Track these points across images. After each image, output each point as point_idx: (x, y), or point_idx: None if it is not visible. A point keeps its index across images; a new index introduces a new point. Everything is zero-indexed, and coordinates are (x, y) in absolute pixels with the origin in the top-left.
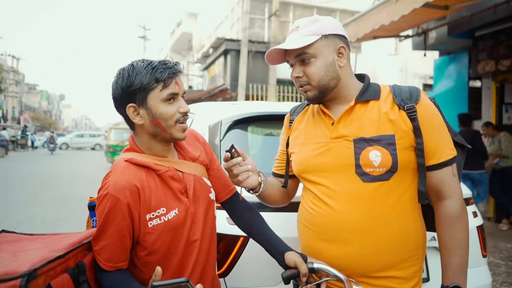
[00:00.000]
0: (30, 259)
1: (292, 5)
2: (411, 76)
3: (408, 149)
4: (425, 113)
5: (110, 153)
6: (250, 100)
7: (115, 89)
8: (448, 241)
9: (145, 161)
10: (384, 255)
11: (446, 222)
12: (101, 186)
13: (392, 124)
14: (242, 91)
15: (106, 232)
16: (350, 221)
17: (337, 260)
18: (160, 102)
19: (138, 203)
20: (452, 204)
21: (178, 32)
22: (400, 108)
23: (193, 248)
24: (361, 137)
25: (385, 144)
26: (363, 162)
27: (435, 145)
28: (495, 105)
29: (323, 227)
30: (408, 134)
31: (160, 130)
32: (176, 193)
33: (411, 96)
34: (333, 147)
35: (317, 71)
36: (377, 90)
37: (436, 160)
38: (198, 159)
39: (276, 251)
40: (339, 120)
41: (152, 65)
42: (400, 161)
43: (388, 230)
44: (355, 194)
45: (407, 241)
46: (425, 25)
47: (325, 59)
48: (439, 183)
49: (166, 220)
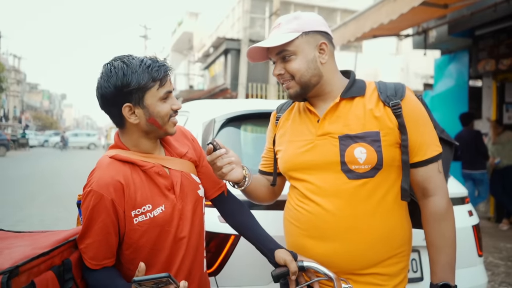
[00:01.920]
0: (13, 256)
1: (293, 4)
2: (413, 75)
3: (393, 146)
4: (410, 110)
5: None
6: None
7: (107, 88)
8: (435, 239)
9: (130, 157)
10: (370, 253)
11: (432, 220)
12: (86, 183)
13: (377, 121)
14: (242, 91)
15: (91, 229)
16: (337, 218)
17: (324, 257)
18: (157, 100)
19: (122, 199)
20: (438, 201)
21: (179, 32)
22: (385, 105)
23: (180, 245)
24: (346, 134)
25: (370, 141)
26: (348, 159)
27: (420, 142)
28: (496, 105)
29: (310, 224)
30: (393, 130)
31: (156, 127)
32: (163, 189)
33: (396, 93)
34: (318, 144)
35: (298, 68)
36: (362, 86)
37: (421, 157)
38: (186, 156)
39: (266, 249)
40: (325, 117)
41: (145, 63)
42: (385, 158)
43: (374, 227)
44: (341, 191)
45: (393, 238)
46: (425, 24)
47: (305, 56)
48: (424, 180)
49: (152, 217)
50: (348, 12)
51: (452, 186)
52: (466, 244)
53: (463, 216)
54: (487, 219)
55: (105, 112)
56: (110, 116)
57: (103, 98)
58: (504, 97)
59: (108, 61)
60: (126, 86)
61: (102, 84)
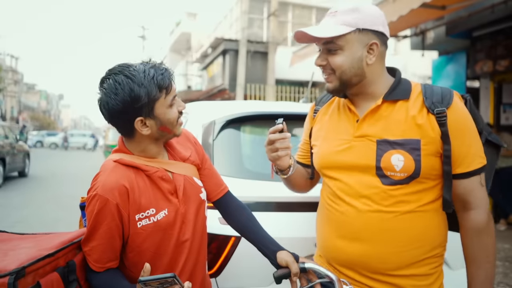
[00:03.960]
0: (19, 257)
1: (291, 5)
2: (411, 76)
3: (433, 155)
4: (456, 119)
5: (108, 153)
6: (249, 100)
7: (115, 105)
8: (475, 253)
9: (134, 161)
10: (402, 255)
11: (472, 234)
12: (90, 187)
13: (418, 129)
14: (240, 91)
15: (96, 233)
16: (368, 219)
17: (353, 257)
18: (167, 108)
19: (127, 204)
20: (479, 215)
21: (177, 32)
22: (429, 112)
23: (183, 248)
24: (385, 139)
25: (409, 148)
26: (384, 165)
27: (465, 153)
28: (493, 106)
29: (341, 224)
30: (435, 140)
31: (166, 133)
32: (166, 193)
33: (442, 99)
34: (355, 145)
35: (341, 64)
36: (407, 89)
37: (464, 169)
38: (189, 159)
39: (268, 251)
40: (364, 118)
41: (149, 73)
42: (423, 167)
43: (406, 230)
44: (373, 194)
45: (427, 241)
46: (423, 25)
47: (352, 54)
48: (466, 193)
49: (156, 221)
50: None
51: None
52: None
53: None
54: None
55: (113, 125)
56: (118, 128)
57: (111, 114)
58: (501, 98)
59: (108, 75)
60: (136, 101)
61: (109, 101)
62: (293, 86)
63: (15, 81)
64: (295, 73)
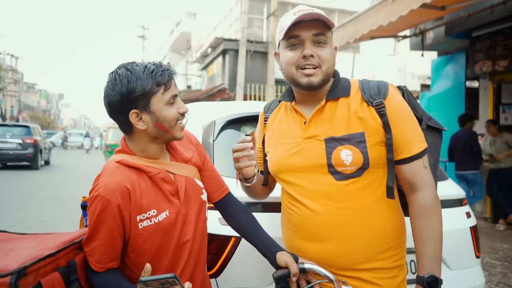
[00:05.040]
0: (20, 257)
1: (290, 5)
2: (410, 76)
3: (378, 144)
4: (393, 108)
5: (108, 152)
6: (248, 100)
7: (113, 96)
8: (422, 232)
9: (136, 162)
10: (364, 248)
11: (419, 213)
12: (92, 187)
13: (361, 122)
14: (240, 91)
15: (97, 233)
16: (327, 219)
17: (319, 256)
18: (164, 105)
19: (129, 205)
20: (425, 195)
21: (177, 32)
22: (369, 105)
23: (184, 249)
24: (331, 137)
25: (355, 142)
26: (335, 162)
27: (405, 139)
28: (492, 106)
29: (302, 227)
30: (377, 130)
31: (163, 132)
32: (167, 195)
33: (379, 92)
34: (305, 147)
35: (329, 58)
36: (347, 86)
37: (406, 154)
38: (191, 161)
39: (268, 251)
40: (311, 120)
41: (149, 68)
42: (371, 158)
43: (365, 223)
44: (329, 192)
45: (386, 232)
46: (423, 26)
47: (332, 50)
48: (411, 176)
49: (157, 222)
50: (345, 12)
51: (450, 188)
52: (463, 245)
53: (461, 217)
54: (483, 219)
55: (114, 120)
56: (119, 124)
57: (111, 106)
58: (500, 98)
59: (113, 70)
60: (131, 92)
61: (109, 92)
62: None
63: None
64: None
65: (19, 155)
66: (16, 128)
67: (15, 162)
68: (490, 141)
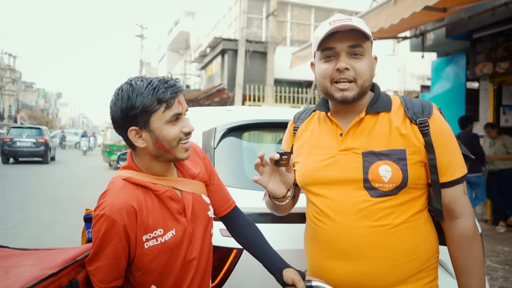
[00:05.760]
0: (22, 276)
1: (290, 4)
2: (409, 76)
3: (418, 164)
4: (437, 128)
5: (106, 152)
6: (247, 100)
7: (115, 111)
8: (465, 262)
9: (143, 180)
10: (397, 269)
11: (461, 243)
12: (97, 205)
13: (403, 138)
14: (239, 91)
15: (102, 253)
16: (359, 235)
17: (348, 276)
18: (164, 124)
19: (135, 224)
20: (465, 223)
21: (176, 31)
22: (412, 122)
23: (190, 267)
24: (370, 151)
25: (395, 159)
26: (372, 177)
27: (448, 162)
28: (493, 107)
29: (330, 243)
30: (419, 149)
31: (164, 151)
32: (174, 213)
33: (423, 110)
34: (340, 159)
35: (366, 70)
36: (388, 101)
37: (448, 178)
38: (198, 176)
39: (274, 268)
40: (348, 132)
41: (152, 84)
42: (410, 177)
43: (398, 244)
44: (362, 208)
45: (419, 253)
46: (423, 27)
47: (370, 62)
48: (451, 202)
49: (163, 241)
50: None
51: None
52: None
53: None
54: (484, 221)
55: (118, 134)
56: (124, 139)
57: (113, 121)
58: (501, 100)
59: (120, 84)
60: (131, 109)
61: (112, 107)
62: (292, 87)
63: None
64: (294, 74)
65: (33, 152)
66: (30, 130)
67: (30, 157)
68: (490, 142)
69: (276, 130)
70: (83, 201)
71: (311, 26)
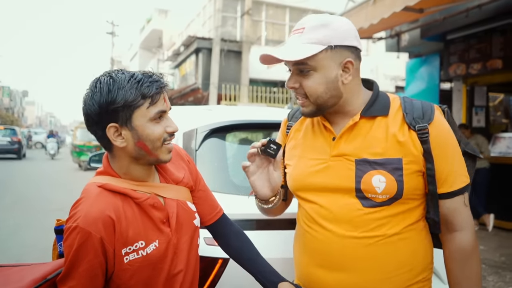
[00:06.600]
0: None
1: (264, 4)
2: (382, 77)
3: (415, 174)
4: (438, 136)
5: (76, 153)
6: (223, 99)
7: (90, 105)
8: (461, 278)
9: (121, 187)
10: (388, 282)
11: (459, 257)
12: (70, 215)
13: (400, 146)
14: (214, 91)
15: (75, 271)
16: (350, 246)
17: (337, 287)
18: (148, 121)
19: (113, 237)
20: (465, 236)
21: (148, 29)
22: (411, 128)
23: (175, 281)
24: (364, 159)
25: (390, 169)
26: (365, 187)
27: (447, 172)
28: (465, 108)
29: (320, 252)
30: (417, 158)
31: (145, 152)
32: (157, 223)
33: (424, 115)
34: (332, 165)
35: (316, 87)
36: (386, 104)
37: (447, 188)
38: (182, 181)
39: (268, 282)
40: (341, 136)
41: (135, 77)
42: (406, 188)
43: (391, 255)
44: (354, 217)
45: (413, 265)
46: (398, 28)
47: (326, 74)
48: (450, 214)
49: (145, 255)
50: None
51: None
52: None
53: None
54: None
55: (91, 133)
56: (97, 138)
57: (88, 117)
58: (473, 100)
59: (97, 76)
60: (111, 103)
61: (87, 101)
62: (268, 86)
63: None
64: (269, 73)
65: (8, 149)
66: (6, 130)
67: (5, 154)
68: None
69: (261, 131)
70: (52, 204)
71: (286, 26)
